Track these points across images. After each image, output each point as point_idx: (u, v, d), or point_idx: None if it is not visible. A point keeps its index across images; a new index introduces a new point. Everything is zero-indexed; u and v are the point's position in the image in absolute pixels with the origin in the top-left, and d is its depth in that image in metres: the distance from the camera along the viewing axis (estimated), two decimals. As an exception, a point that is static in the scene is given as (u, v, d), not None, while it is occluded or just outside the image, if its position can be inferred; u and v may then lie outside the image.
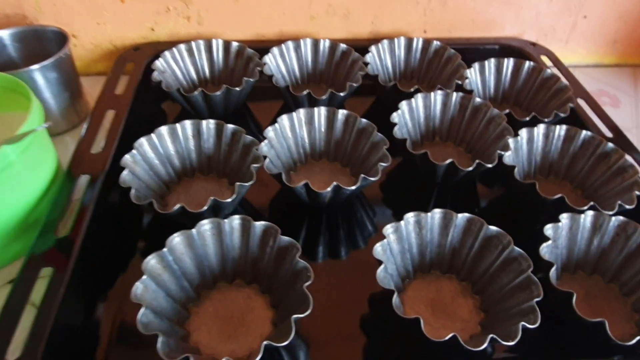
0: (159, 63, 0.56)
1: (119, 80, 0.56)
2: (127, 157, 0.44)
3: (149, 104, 0.58)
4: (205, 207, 0.40)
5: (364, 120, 0.50)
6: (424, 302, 0.40)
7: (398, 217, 0.47)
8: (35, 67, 0.50)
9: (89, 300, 0.39)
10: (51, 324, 0.33)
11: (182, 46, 0.59)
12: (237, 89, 0.54)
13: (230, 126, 0.48)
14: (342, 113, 0.51)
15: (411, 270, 0.42)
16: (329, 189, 0.42)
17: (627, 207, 0.43)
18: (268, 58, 0.59)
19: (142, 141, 0.46)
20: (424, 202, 0.51)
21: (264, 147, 0.46)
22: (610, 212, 0.42)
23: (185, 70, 0.60)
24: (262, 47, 0.60)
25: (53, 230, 0.39)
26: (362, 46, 0.61)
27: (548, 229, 0.41)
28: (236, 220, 0.39)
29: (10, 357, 0.31)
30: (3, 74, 0.45)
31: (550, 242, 0.39)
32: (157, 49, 0.61)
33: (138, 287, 0.34)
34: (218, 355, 0.36)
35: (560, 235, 0.42)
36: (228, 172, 0.49)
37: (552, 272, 0.37)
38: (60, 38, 0.55)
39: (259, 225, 0.39)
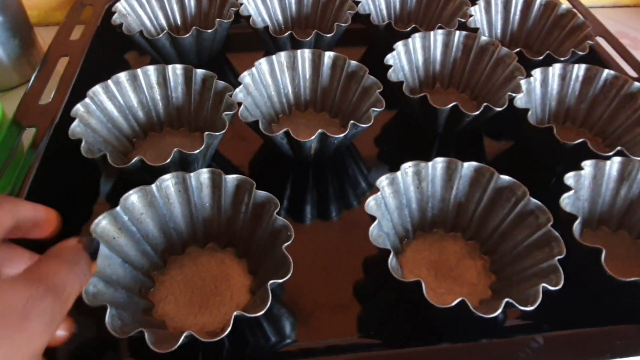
0: (120, 6, 0.50)
1: (74, 26, 0.49)
2: (78, 106, 0.38)
3: (110, 52, 0.51)
4: (168, 160, 0.34)
5: (353, 62, 0.44)
6: (426, 264, 0.35)
7: (389, 170, 0.41)
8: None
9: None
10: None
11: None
12: (209, 31, 0.47)
13: (200, 71, 0.42)
14: (328, 55, 0.44)
15: (410, 228, 0.36)
16: (313, 137, 0.36)
17: (659, 152, 0.37)
18: (245, -1, 0.52)
19: (97, 89, 0.40)
20: (424, 156, 0.45)
21: (238, 93, 0.40)
22: (640, 158, 0.36)
23: (153, 15, 0.53)
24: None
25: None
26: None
27: (569, 178, 0.35)
28: (205, 174, 0.33)
29: None
30: None
31: (571, 192, 0.34)
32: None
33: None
34: (187, 329, 0.30)
35: (582, 185, 0.36)
36: (201, 125, 0.43)
37: (576, 226, 0.32)
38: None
39: (231, 179, 0.33)
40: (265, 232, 0.32)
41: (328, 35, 0.47)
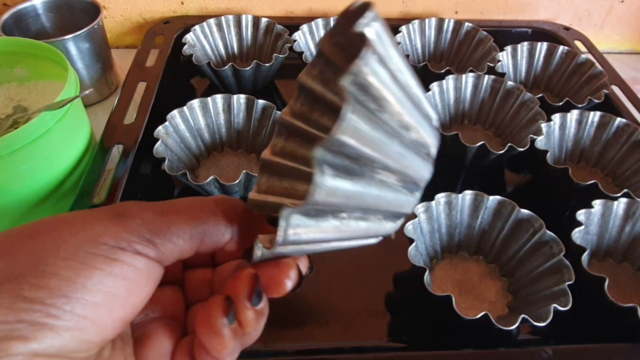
0: (189, 37, 0.56)
1: (149, 53, 0.56)
2: (160, 128, 0.44)
3: (178, 77, 0.58)
4: (237, 181, 0.41)
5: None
6: (452, 282, 0.40)
7: (424, 198, 0.47)
8: (69, 37, 0.50)
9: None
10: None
11: (212, 21, 0.59)
12: (267, 65, 0.54)
13: (261, 101, 0.48)
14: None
15: (439, 250, 0.42)
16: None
17: (661, 195, 0.42)
18: (298, 35, 0.58)
19: (175, 113, 0.46)
20: (451, 185, 0.51)
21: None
22: (644, 200, 0.42)
23: (214, 45, 0.60)
24: (291, 24, 0.59)
25: (89, 198, 0.40)
26: (392, 25, 0.60)
27: (580, 214, 0.40)
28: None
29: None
30: (40, 42, 0.45)
31: (582, 227, 0.39)
32: (187, 23, 0.61)
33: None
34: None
35: (592, 221, 0.41)
36: (257, 147, 0.50)
37: (584, 256, 0.37)
38: (92, 9, 0.55)
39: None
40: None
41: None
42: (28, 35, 0.51)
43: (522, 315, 0.32)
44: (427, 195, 0.42)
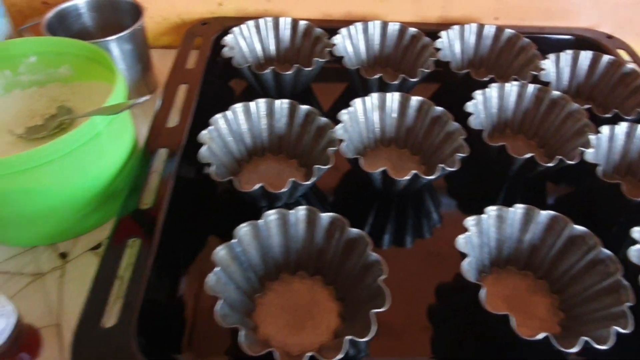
0: (229, 39, 0.56)
1: (189, 54, 0.56)
2: (204, 132, 0.44)
3: (217, 79, 0.57)
4: (285, 189, 0.40)
5: (438, 108, 0.49)
6: (501, 297, 0.40)
7: (464, 209, 0.46)
8: (112, 38, 0.50)
9: (172, 274, 0.40)
10: (142, 295, 0.33)
11: (251, 23, 0.59)
12: (308, 69, 0.53)
13: (304, 107, 0.48)
14: (416, 100, 0.50)
15: (488, 264, 0.41)
16: (407, 177, 0.42)
17: None
18: (337, 39, 0.57)
19: (218, 117, 0.46)
20: (493, 196, 0.50)
21: (339, 130, 0.45)
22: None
23: (252, 47, 0.60)
24: (328, 27, 0.59)
25: (136, 202, 0.40)
26: (430, 30, 0.60)
27: (635, 232, 0.39)
28: (302, 211, 0.39)
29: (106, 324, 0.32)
30: (85, 43, 0.45)
31: (638, 245, 0.38)
32: (225, 24, 0.61)
33: (211, 279, 0.34)
34: (289, 349, 0.35)
35: (647, 239, 0.40)
36: (299, 153, 0.49)
37: (642, 277, 0.36)
38: (134, 10, 0.54)
39: (325, 217, 0.38)
40: (357, 265, 0.37)
41: (413, 79, 0.53)
42: (70, 34, 0.51)
43: (584, 338, 0.31)
44: (476, 208, 0.41)
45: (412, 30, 0.60)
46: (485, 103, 0.52)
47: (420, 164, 0.50)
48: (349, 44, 0.60)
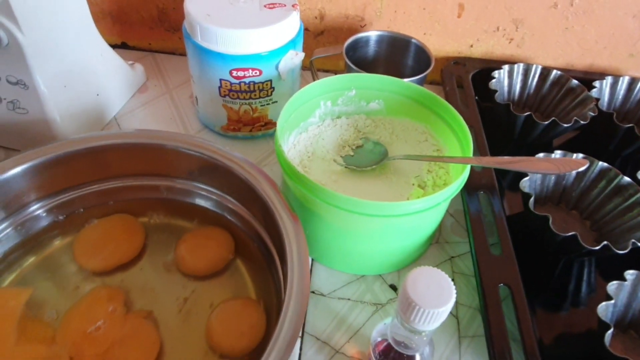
0: (497, 73, 0.58)
1: (455, 93, 0.58)
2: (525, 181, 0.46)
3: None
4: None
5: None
6: None
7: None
8: (415, 78, 0.52)
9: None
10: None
11: (506, 67, 0.60)
12: (565, 125, 0.53)
13: (602, 164, 0.49)
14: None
15: None
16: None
17: None
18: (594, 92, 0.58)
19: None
20: None
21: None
22: None
23: (512, 90, 0.62)
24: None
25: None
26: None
27: None
28: None
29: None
30: (418, 87, 0.48)
31: None
32: (476, 65, 0.63)
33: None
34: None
35: None
36: (582, 206, 0.50)
37: None
38: (422, 55, 0.57)
39: None
40: None
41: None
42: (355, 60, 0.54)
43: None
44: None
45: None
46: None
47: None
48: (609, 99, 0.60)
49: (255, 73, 0.49)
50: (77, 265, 0.41)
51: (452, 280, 0.24)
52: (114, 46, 0.57)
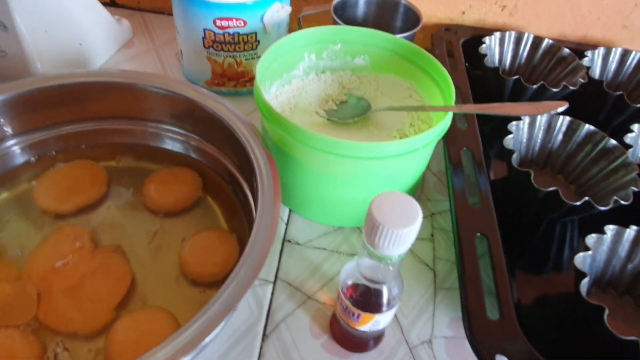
0: (485, 47, 0.57)
1: (445, 57, 0.57)
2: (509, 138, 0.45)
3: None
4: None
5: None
6: None
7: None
8: (409, 34, 0.51)
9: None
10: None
11: (498, 34, 0.59)
12: (553, 90, 0.52)
13: (588, 127, 0.48)
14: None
15: None
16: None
17: None
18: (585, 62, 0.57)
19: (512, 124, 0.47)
20: None
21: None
22: None
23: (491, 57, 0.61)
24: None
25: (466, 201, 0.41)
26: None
27: None
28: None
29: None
30: (404, 41, 0.47)
31: None
32: (467, 32, 0.62)
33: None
34: None
35: None
36: (568, 170, 0.49)
37: None
38: (411, 15, 0.56)
39: None
40: None
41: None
42: (343, 21, 0.53)
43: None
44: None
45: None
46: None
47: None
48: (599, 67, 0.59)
49: (240, 23, 0.48)
50: (41, 208, 0.40)
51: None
52: (103, 4, 0.56)
